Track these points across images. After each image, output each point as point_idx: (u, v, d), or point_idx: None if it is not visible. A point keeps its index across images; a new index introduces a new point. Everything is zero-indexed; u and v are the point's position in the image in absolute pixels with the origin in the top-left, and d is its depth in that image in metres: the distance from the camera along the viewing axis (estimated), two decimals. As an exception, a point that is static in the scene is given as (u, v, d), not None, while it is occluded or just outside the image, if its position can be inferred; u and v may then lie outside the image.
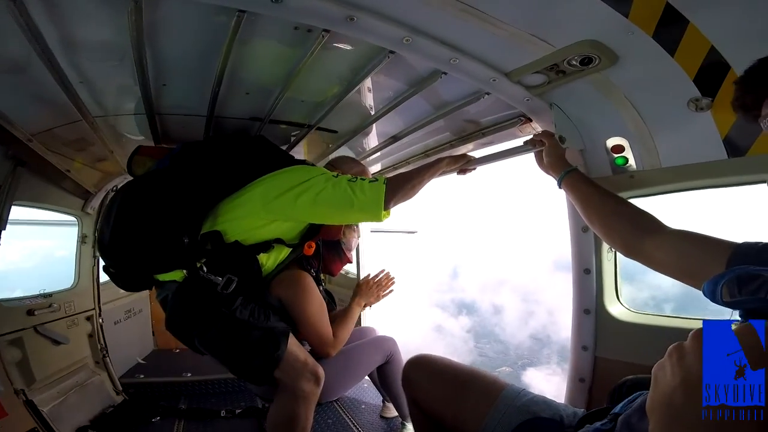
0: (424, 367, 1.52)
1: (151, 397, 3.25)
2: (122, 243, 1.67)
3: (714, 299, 0.77)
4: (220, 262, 1.71)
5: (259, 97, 1.93)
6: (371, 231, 3.95)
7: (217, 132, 2.26)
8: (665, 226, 1.12)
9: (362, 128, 2.26)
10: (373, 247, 3.93)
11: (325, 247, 2.19)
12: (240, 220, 1.71)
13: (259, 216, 1.70)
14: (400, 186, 1.70)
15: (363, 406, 3.00)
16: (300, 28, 1.35)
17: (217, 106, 1.93)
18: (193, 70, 1.69)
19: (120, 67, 1.59)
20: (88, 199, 3.09)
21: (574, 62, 1.33)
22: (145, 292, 4.33)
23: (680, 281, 1.02)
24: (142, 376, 3.53)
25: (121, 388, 3.21)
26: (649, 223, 1.14)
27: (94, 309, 3.23)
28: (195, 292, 1.71)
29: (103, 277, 3.40)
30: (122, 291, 3.88)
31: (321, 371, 1.88)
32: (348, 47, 1.49)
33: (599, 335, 1.76)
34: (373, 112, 2.09)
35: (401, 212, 2.45)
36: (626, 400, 1.01)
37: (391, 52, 1.43)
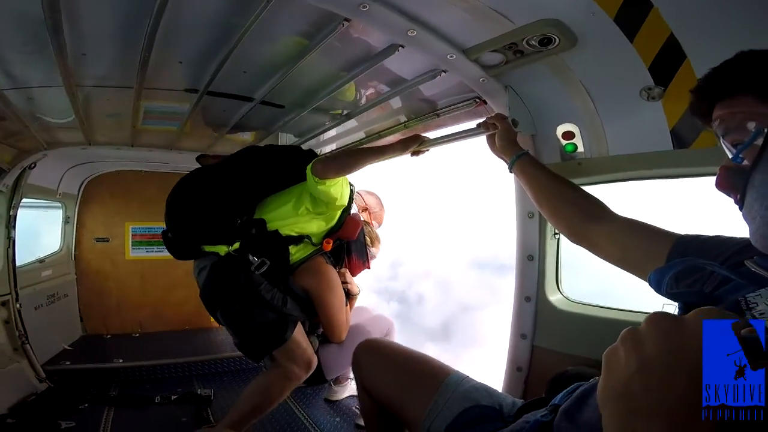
0: (373, 351, 1.51)
1: (78, 384, 3.05)
2: (189, 209, 1.99)
3: (659, 290, 0.82)
4: (259, 246, 1.99)
5: (195, 67, 1.78)
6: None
7: (147, 104, 2.14)
8: (612, 213, 1.12)
9: (312, 103, 2.14)
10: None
11: (356, 252, 2.39)
12: (281, 210, 2.01)
13: (295, 208, 2.00)
14: (336, 159, 1.95)
15: (308, 391, 2.94)
16: None
17: (147, 77, 1.77)
18: (118, 36, 1.52)
19: (32, 36, 1.41)
20: (0, 175, 2.75)
21: (533, 42, 1.30)
22: (72, 276, 4.06)
23: (622, 269, 1.03)
24: (68, 363, 3.31)
25: (44, 376, 3.00)
26: (596, 209, 1.14)
27: (9, 294, 2.94)
28: (231, 266, 1.96)
29: (20, 260, 3.10)
30: (44, 274, 3.60)
31: (314, 362, 2.10)
32: (297, 13, 1.37)
33: (538, 324, 1.77)
34: (324, 87, 1.98)
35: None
36: (565, 391, 1.00)
37: (346, 19, 1.33)
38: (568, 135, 1.59)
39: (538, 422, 0.96)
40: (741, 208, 0.70)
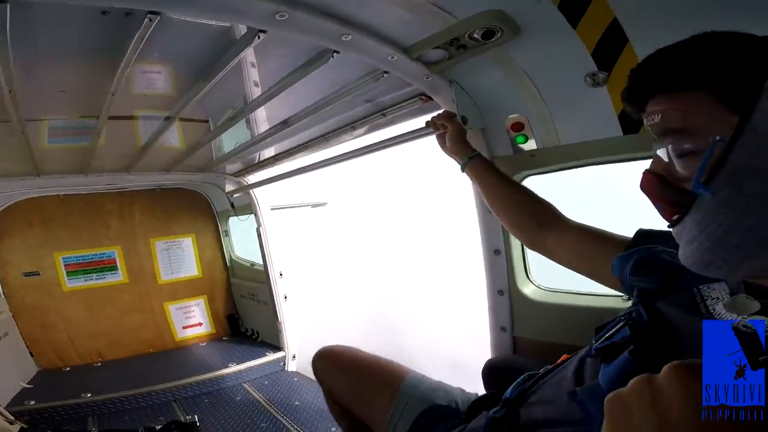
0: (329, 359, 1.52)
1: (51, 423, 2.83)
2: None
3: (621, 275, 0.84)
4: None
5: (82, 96, 1.60)
6: (271, 208, 3.65)
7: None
8: (565, 219, 1.14)
9: (243, 115, 1.97)
10: (275, 227, 3.66)
11: None
12: None
13: None
14: None
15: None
16: (109, 12, 1.07)
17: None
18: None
19: None
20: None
21: (475, 35, 1.21)
22: (7, 314, 3.61)
23: (580, 274, 1.06)
24: (33, 402, 3.01)
25: (12, 418, 2.68)
26: (549, 215, 1.16)
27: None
28: None
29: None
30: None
31: None
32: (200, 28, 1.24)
33: (515, 315, 1.77)
34: (253, 98, 1.81)
35: (307, 184, 2.29)
36: (515, 383, 1.00)
37: (261, 31, 1.19)
38: (518, 126, 1.54)
39: (491, 419, 0.96)
40: (672, 225, 0.62)
